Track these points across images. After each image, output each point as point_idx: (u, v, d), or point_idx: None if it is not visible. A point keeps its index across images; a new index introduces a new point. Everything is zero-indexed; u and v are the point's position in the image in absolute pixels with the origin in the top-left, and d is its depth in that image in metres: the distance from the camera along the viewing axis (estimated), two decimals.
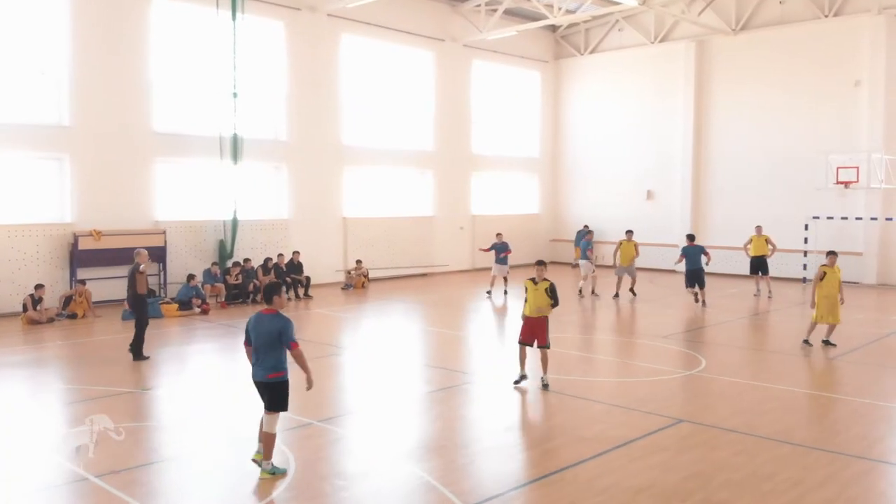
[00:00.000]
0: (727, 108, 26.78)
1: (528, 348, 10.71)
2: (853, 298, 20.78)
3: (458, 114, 27.53)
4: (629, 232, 21.64)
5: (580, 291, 21.15)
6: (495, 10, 25.83)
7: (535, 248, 30.69)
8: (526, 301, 10.69)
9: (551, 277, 10.86)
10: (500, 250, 20.55)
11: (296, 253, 20.70)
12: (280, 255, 20.25)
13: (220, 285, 18.87)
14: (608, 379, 11.44)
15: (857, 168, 22.42)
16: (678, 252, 20.75)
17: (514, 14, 27.33)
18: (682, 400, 10.30)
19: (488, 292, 20.74)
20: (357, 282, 22.37)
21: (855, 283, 23.73)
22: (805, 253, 24.15)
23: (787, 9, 25.14)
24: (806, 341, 13.71)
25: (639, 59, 28.89)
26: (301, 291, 20.25)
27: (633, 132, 29.14)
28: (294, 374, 7.53)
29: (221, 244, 20.31)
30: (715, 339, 14.86)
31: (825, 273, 13.43)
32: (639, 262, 22.03)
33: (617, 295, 20.69)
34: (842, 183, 22.61)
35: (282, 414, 7.45)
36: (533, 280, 10.66)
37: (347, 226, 23.73)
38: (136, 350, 12.69)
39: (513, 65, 29.54)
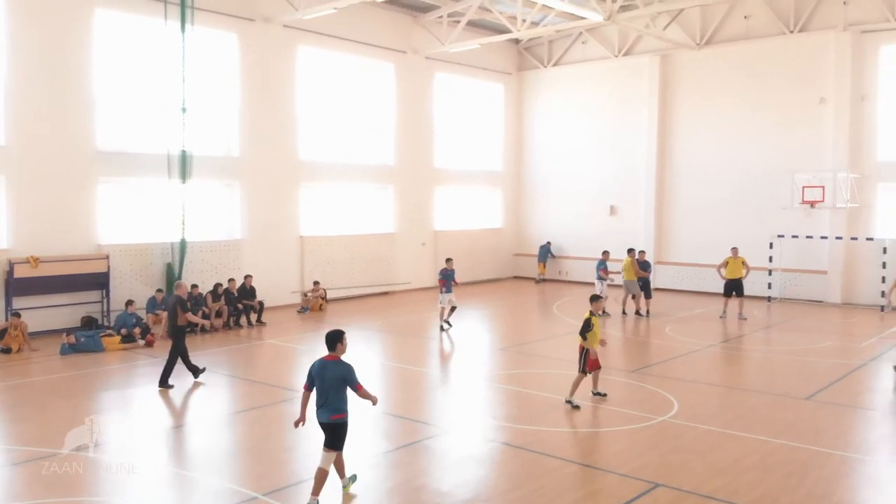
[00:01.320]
0: (692, 123, 26.48)
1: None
2: (819, 319, 20.64)
3: (421, 127, 26.81)
4: (631, 250, 21.60)
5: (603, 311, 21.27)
6: (458, 22, 25.14)
7: (499, 263, 30.19)
8: (590, 334, 11.63)
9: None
10: (450, 278, 18.75)
11: (248, 277, 19.73)
12: (231, 281, 19.25)
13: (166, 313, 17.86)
14: (580, 430, 10.79)
15: (823, 188, 22.25)
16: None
17: (477, 25, 26.70)
18: (658, 457, 9.67)
19: (444, 326, 18.76)
20: (314, 304, 21.50)
21: (819, 301, 23.64)
22: (770, 272, 23.90)
23: (752, 24, 24.91)
24: None
25: (603, 72, 28.48)
26: (253, 318, 19.31)
27: (597, 146, 28.73)
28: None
29: (169, 268, 19.28)
30: (686, 373, 14.32)
31: None
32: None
33: (625, 312, 21.28)
34: (808, 202, 22.42)
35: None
36: (593, 314, 11.75)
37: (304, 245, 22.82)
38: (165, 376, 13.01)
39: (476, 77, 28.91)
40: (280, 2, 21.45)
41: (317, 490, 7.74)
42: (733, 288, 20.64)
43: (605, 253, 21.72)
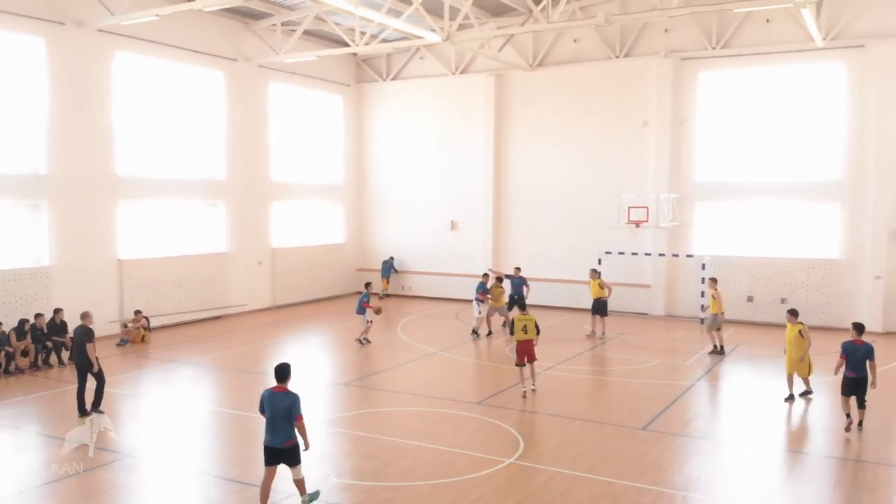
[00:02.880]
0: (525, 141, 27.12)
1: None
2: (646, 335, 21.66)
3: (255, 139, 25.53)
4: (499, 279, 21.57)
5: (475, 332, 21.17)
6: (293, 31, 24.14)
7: (341, 278, 29.53)
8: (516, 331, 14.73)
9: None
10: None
11: (58, 311, 17.73)
12: (39, 316, 17.22)
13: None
14: (429, 482, 10.39)
15: (647, 208, 23.40)
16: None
17: (314, 35, 25.86)
18: None
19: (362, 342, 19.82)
20: (136, 336, 19.78)
21: (644, 314, 24.91)
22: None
23: (581, 47, 25.82)
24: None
25: (441, 88, 28.53)
26: (65, 356, 17.40)
27: (437, 161, 28.78)
28: None
29: None
30: (528, 403, 14.33)
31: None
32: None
33: (490, 332, 21.30)
34: (633, 222, 23.49)
35: None
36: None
37: (123, 270, 20.95)
38: (82, 404, 13.06)
39: (313, 87, 28.01)
40: (94, 5, 19.54)
41: (303, 490, 9.08)
42: (598, 308, 21.09)
43: (485, 275, 21.77)
